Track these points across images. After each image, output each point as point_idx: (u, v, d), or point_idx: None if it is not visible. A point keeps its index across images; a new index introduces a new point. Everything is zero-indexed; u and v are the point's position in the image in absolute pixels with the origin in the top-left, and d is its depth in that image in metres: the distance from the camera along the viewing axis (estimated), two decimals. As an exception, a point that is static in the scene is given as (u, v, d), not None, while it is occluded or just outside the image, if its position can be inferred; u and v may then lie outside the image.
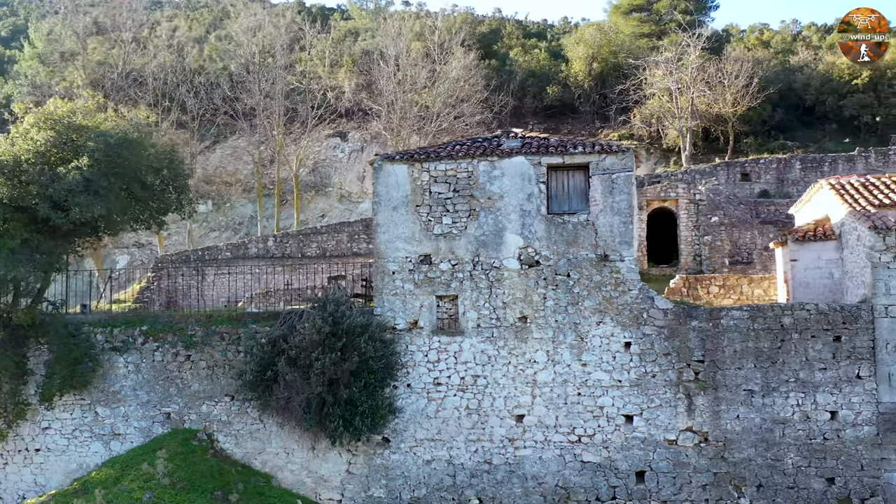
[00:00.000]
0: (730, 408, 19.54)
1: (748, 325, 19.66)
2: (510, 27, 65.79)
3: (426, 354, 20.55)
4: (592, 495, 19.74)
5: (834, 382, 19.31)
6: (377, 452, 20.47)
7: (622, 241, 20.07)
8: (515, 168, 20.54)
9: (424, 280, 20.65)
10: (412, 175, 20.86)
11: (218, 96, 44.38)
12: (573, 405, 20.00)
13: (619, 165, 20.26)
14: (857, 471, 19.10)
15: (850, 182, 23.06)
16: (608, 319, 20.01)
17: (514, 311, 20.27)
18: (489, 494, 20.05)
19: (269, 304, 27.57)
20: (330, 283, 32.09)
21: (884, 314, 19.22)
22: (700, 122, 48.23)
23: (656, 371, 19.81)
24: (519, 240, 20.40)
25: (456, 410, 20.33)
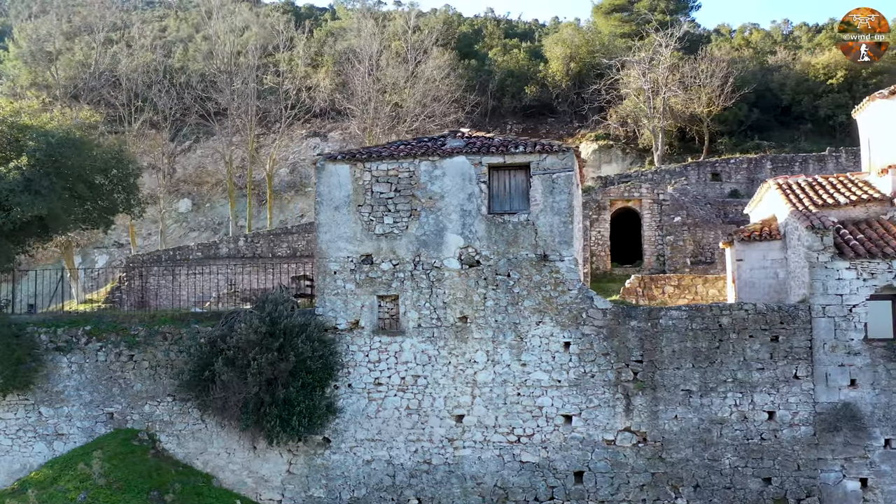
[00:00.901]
0: (668, 408, 19.51)
1: (686, 325, 19.63)
2: (491, 27, 65.75)
3: (367, 354, 20.53)
4: (531, 495, 19.72)
5: (771, 382, 19.29)
6: (318, 452, 20.45)
7: (562, 240, 20.05)
8: (456, 168, 20.52)
9: (366, 280, 20.63)
10: (354, 175, 20.84)
11: (190, 96, 44.35)
12: (512, 405, 19.97)
13: (560, 165, 20.24)
14: (793, 471, 19.08)
15: (798, 182, 23.06)
16: (548, 319, 19.99)
17: (455, 311, 20.25)
18: (428, 495, 20.02)
19: (236, 304, 27.53)
20: (293, 282, 32.08)
21: (821, 314, 19.20)
22: (675, 122, 48.22)
23: (595, 371, 19.78)
24: (459, 240, 20.38)
25: (396, 410, 20.31)
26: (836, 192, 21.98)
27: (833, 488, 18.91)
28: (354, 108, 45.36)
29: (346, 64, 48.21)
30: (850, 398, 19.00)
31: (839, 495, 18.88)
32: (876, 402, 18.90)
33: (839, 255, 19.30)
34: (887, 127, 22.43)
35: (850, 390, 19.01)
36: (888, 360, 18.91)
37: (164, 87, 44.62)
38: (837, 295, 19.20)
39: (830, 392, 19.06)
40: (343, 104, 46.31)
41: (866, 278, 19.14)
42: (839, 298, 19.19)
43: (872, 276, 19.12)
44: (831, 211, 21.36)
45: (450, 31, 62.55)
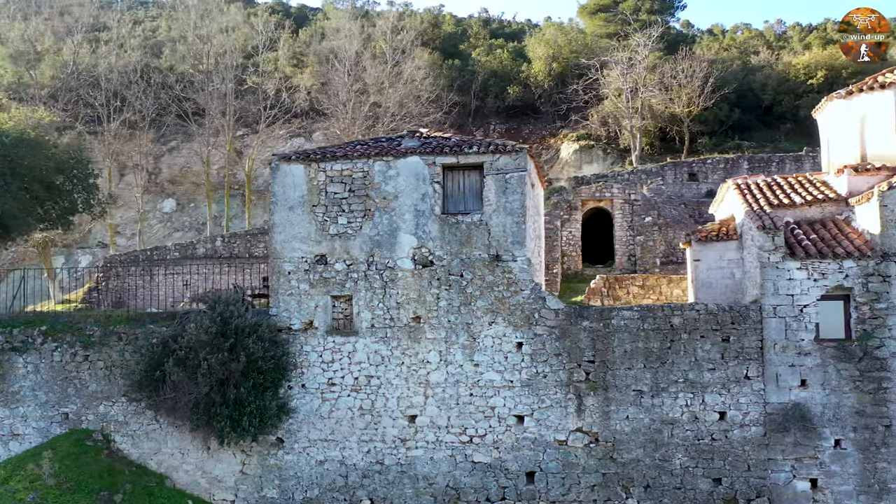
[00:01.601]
0: (619, 408, 19.50)
1: (638, 326, 19.62)
2: (476, 27, 65.72)
3: (321, 355, 20.51)
4: (482, 496, 19.70)
5: (722, 383, 19.28)
6: (271, 453, 20.43)
7: (515, 241, 20.03)
8: (410, 168, 20.51)
9: (320, 280, 20.62)
10: (309, 175, 20.83)
11: (168, 96, 44.34)
12: (465, 405, 19.96)
13: (513, 165, 20.22)
14: (743, 471, 19.06)
15: (756, 182, 23.05)
16: (500, 320, 19.98)
17: (408, 311, 20.24)
18: (380, 495, 20.01)
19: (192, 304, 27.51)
20: (263, 283, 32.07)
21: (772, 314, 19.19)
22: (656, 122, 48.20)
23: (547, 371, 19.77)
24: (413, 240, 20.36)
25: (349, 411, 20.30)
26: (792, 193, 21.96)
27: (783, 488, 18.90)
28: (335, 108, 45.35)
29: (325, 64, 48.17)
30: (801, 398, 18.99)
31: (789, 495, 18.87)
32: (826, 403, 18.89)
33: (790, 255, 19.29)
34: (844, 127, 22.42)
35: (800, 390, 19.00)
36: (838, 361, 18.89)
37: (142, 87, 44.54)
38: (788, 295, 19.19)
39: (781, 392, 19.05)
40: (324, 104, 46.26)
41: (817, 278, 19.13)
42: (790, 298, 19.18)
43: (823, 276, 19.11)
44: (787, 211, 21.35)
45: (435, 31, 62.61)
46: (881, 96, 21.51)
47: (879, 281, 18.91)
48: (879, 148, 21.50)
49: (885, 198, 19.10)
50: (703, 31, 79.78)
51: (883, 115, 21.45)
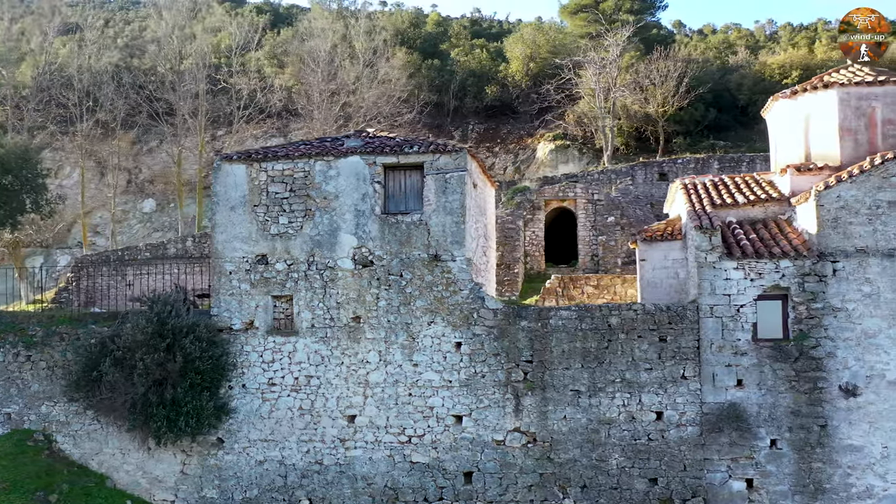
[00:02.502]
0: (557, 408, 19.48)
1: (576, 326, 19.60)
2: (458, 26, 65.67)
3: (261, 355, 20.50)
4: (420, 496, 19.69)
5: (659, 383, 19.26)
6: (211, 453, 20.42)
7: (454, 240, 20.01)
8: (351, 168, 20.50)
9: (260, 280, 20.61)
10: (250, 175, 20.82)
11: (141, 96, 44.32)
12: (404, 405, 19.94)
13: (453, 165, 20.20)
14: (679, 471, 19.04)
15: (703, 182, 23.03)
16: (439, 319, 19.96)
17: (348, 311, 20.23)
18: (319, 495, 20.00)
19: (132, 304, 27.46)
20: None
21: (709, 314, 19.17)
22: (631, 122, 48.17)
23: (486, 371, 19.75)
24: (353, 240, 20.35)
25: (289, 411, 20.28)
26: (736, 193, 21.95)
27: (719, 489, 18.88)
28: (309, 107, 45.35)
29: (301, 64, 48.17)
30: (737, 398, 18.97)
31: (725, 495, 18.85)
32: (762, 403, 18.87)
33: (728, 255, 19.27)
34: (790, 127, 22.41)
35: (736, 390, 18.99)
36: (774, 360, 18.88)
37: (112, 87, 44.52)
38: (725, 295, 19.18)
39: (717, 392, 19.03)
40: (298, 104, 46.25)
41: (754, 278, 19.11)
42: (727, 298, 19.16)
43: (760, 276, 19.10)
44: (730, 211, 21.35)
45: (416, 31, 62.56)
46: (824, 96, 21.49)
47: (816, 281, 18.89)
48: (823, 148, 21.48)
49: (821, 197, 19.08)
50: (694, 30, 79.94)
51: (826, 115, 21.43)
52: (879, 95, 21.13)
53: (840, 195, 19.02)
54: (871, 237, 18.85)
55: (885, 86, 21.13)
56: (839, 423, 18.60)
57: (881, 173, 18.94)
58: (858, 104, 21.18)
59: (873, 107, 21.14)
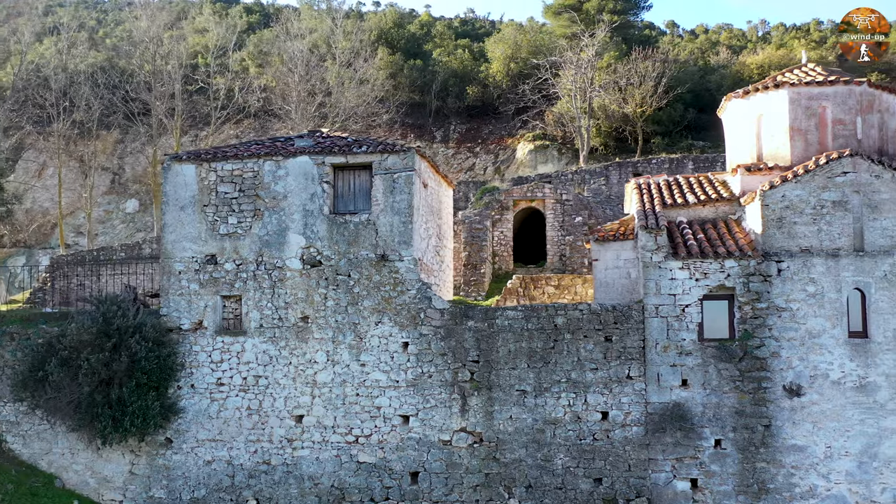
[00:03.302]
0: (503, 408, 19.47)
1: (522, 326, 19.60)
2: (441, 27, 65.65)
3: (210, 355, 20.50)
4: (366, 496, 19.68)
5: (604, 383, 19.25)
6: (159, 453, 20.42)
7: (402, 240, 20.01)
8: (300, 168, 20.50)
9: (210, 280, 20.61)
10: (200, 175, 20.83)
11: (116, 96, 44.32)
12: (351, 405, 19.94)
13: (401, 165, 20.20)
14: (624, 471, 19.03)
15: (657, 182, 23.02)
16: (386, 319, 19.96)
17: (296, 311, 20.23)
18: (266, 495, 19.99)
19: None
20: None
21: (654, 314, 19.16)
22: (609, 122, 48.14)
23: (433, 371, 19.74)
24: (301, 240, 20.36)
25: (237, 411, 20.28)
26: (688, 192, 21.94)
27: (663, 488, 18.87)
28: (287, 107, 45.35)
29: (278, 64, 48.18)
30: (682, 398, 18.96)
31: (669, 495, 18.83)
32: (706, 403, 18.86)
33: (673, 254, 19.27)
34: (743, 127, 22.39)
35: (681, 390, 18.98)
36: (719, 360, 18.87)
37: (89, 87, 44.51)
38: (670, 295, 19.18)
39: (662, 392, 19.02)
40: (275, 104, 46.23)
41: (699, 278, 19.11)
42: (672, 298, 19.16)
43: (705, 275, 19.09)
44: (681, 210, 21.35)
45: (400, 31, 62.55)
46: (776, 96, 21.48)
47: (760, 281, 18.88)
48: (774, 147, 21.47)
49: (766, 197, 19.08)
50: (687, 31, 79.95)
51: (777, 115, 21.41)
52: (830, 95, 21.12)
53: (785, 195, 19.02)
54: (816, 237, 18.85)
55: (835, 86, 21.12)
56: (783, 423, 18.59)
57: (826, 173, 18.93)
58: (809, 104, 21.17)
59: (823, 106, 21.12)
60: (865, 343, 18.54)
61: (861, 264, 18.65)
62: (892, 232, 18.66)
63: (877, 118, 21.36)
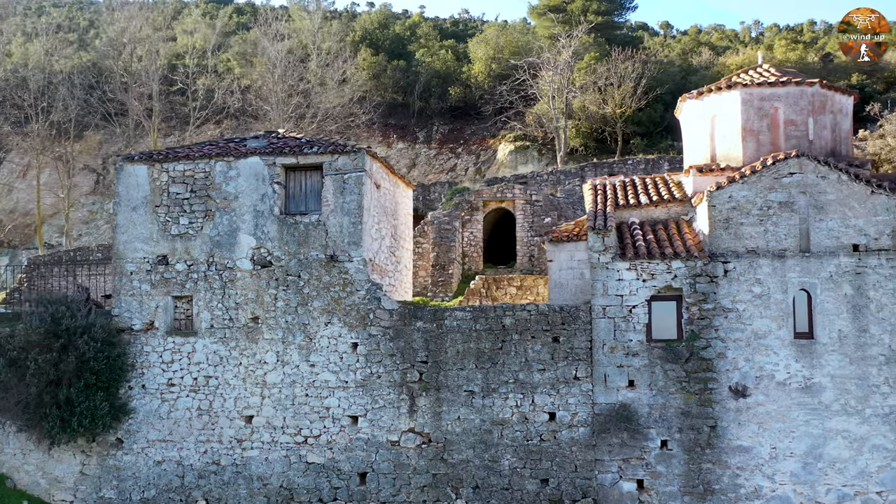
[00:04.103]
0: (451, 409, 19.48)
1: (470, 326, 19.61)
2: (427, 27, 65.66)
3: (161, 355, 20.53)
4: (315, 496, 19.69)
5: (552, 383, 19.25)
6: (110, 453, 20.45)
7: (351, 241, 20.03)
8: (251, 169, 20.52)
9: (161, 281, 20.64)
10: (152, 176, 20.86)
11: (94, 97, 44.37)
12: (300, 406, 19.96)
13: (352, 166, 20.22)
14: (570, 472, 19.03)
15: (613, 183, 23.02)
16: (336, 320, 19.98)
17: (247, 311, 20.25)
18: (215, 496, 20.01)
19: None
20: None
21: (601, 315, 19.16)
22: (590, 123, 48.14)
23: (381, 372, 19.76)
24: (252, 240, 20.38)
25: (188, 411, 20.30)
26: (642, 193, 21.95)
27: (609, 489, 18.87)
28: (265, 108, 45.39)
29: (258, 65, 48.23)
30: (628, 399, 18.96)
31: (615, 496, 18.83)
32: (653, 403, 18.86)
33: (621, 255, 19.27)
34: (696, 127, 22.42)
35: (627, 391, 18.98)
36: (665, 361, 18.87)
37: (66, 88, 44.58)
38: (618, 296, 19.17)
39: (609, 393, 19.02)
40: (254, 104, 46.27)
41: (646, 279, 19.10)
42: (619, 299, 19.15)
43: (653, 276, 19.09)
44: (633, 211, 21.36)
45: (384, 31, 62.60)
46: (728, 96, 21.49)
47: (707, 281, 18.88)
48: (727, 148, 21.49)
49: (713, 198, 19.08)
50: (681, 31, 79.93)
51: (730, 116, 21.43)
52: (782, 96, 21.13)
53: (732, 196, 19.02)
54: (762, 238, 18.85)
55: (787, 87, 21.13)
56: (728, 424, 18.59)
57: (773, 174, 18.93)
58: (761, 105, 21.18)
59: (776, 107, 21.14)
60: (811, 344, 18.53)
61: (807, 265, 18.65)
62: (838, 233, 18.66)
63: (829, 119, 21.37)
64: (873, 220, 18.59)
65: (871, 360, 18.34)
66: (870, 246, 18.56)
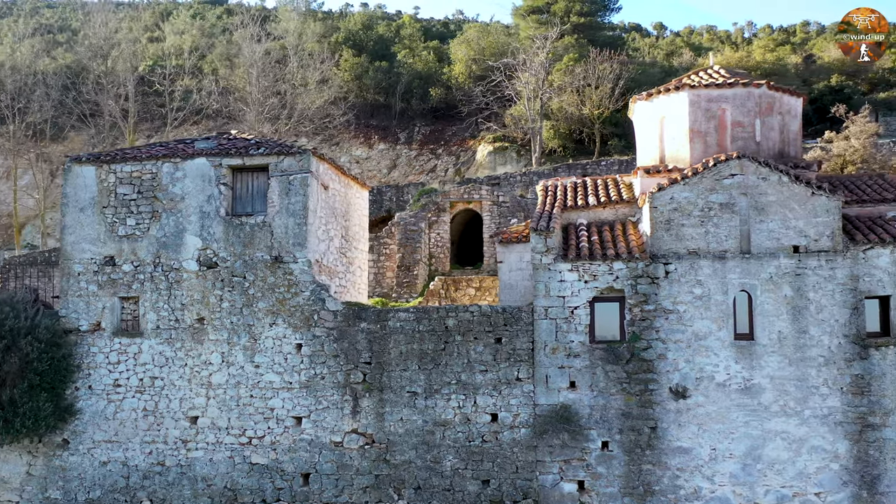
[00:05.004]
0: (394, 410, 19.50)
1: (414, 327, 19.62)
2: (410, 28, 65.72)
3: (107, 356, 20.54)
4: (258, 497, 19.71)
5: (494, 384, 19.27)
6: (56, 454, 20.47)
7: (296, 242, 20.05)
8: (197, 170, 20.55)
9: (108, 281, 20.66)
10: (100, 177, 20.89)
11: (69, 98, 44.45)
12: (245, 407, 19.98)
13: (297, 167, 20.24)
14: (511, 473, 19.05)
15: (564, 183, 23.05)
16: (280, 321, 20.00)
17: (192, 312, 20.27)
18: (160, 496, 20.03)
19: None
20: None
21: (543, 316, 19.17)
22: (567, 124, 48.18)
23: (325, 373, 19.78)
24: (198, 241, 20.41)
25: (133, 412, 20.32)
26: (591, 195, 21.96)
27: (550, 490, 18.89)
28: (244, 109, 45.45)
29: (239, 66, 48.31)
30: (569, 400, 18.97)
31: (555, 497, 18.85)
32: (594, 405, 18.87)
33: (563, 257, 19.28)
34: (646, 129, 22.44)
35: (569, 392, 18.99)
36: (606, 362, 18.88)
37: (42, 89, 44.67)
38: (560, 297, 19.18)
39: (550, 394, 19.03)
40: (232, 106, 46.32)
41: (588, 280, 19.11)
42: (561, 300, 19.16)
43: (594, 277, 19.09)
44: (582, 213, 21.38)
45: (367, 33, 62.67)
46: (677, 98, 21.52)
47: (648, 283, 18.90)
48: (675, 150, 21.52)
49: (654, 199, 19.10)
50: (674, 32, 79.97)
51: (678, 117, 21.46)
52: (729, 98, 21.16)
53: (673, 197, 19.03)
54: (703, 239, 18.87)
55: (734, 88, 21.16)
56: (669, 425, 18.61)
57: (714, 175, 18.95)
58: (708, 106, 21.21)
59: (723, 109, 21.17)
60: (751, 345, 18.55)
61: (747, 266, 18.67)
62: (779, 234, 18.68)
63: (777, 120, 21.39)
64: (813, 222, 18.60)
65: (810, 362, 18.36)
66: (810, 247, 18.58)
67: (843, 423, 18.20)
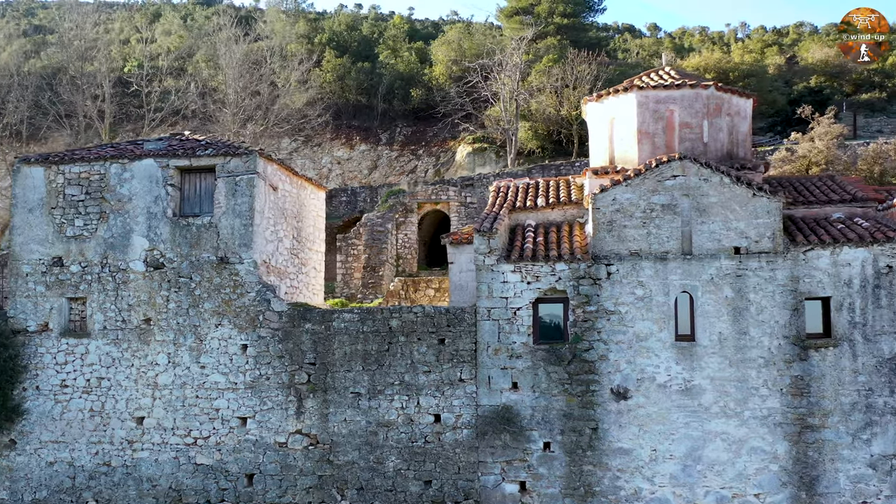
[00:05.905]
0: (338, 410, 19.53)
1: (358, 328, 19.65)
2: (395, 29, 65.73)
3: (55, 357, 20.58)
4: (203, 498, 19.74)
5: (437, 385, 19.29)
6: (3, 454, 20.51)
7: (242, 243, 20.09)
8: (145, 171, 20.60)
9: (56, 282, 20.70)
10: (48, 178, 20.94)
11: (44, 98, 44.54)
12: (191, 407, 20.01)
13: (244, 168, 20.29)
14: (453, 474, 19.06)
15: (516, 184, 23.05)
16: (226, 322, 20.04)
17: (139, 313, 20.31)
18: (105, 497, 20.06)
19: None
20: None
21: (486, 317, 19.19)
22: (546, 124, 48.17)
23: (270, 373, 19.81)
24: (145, 242, 20.45)
25: (80, 412, 20.36)
26: (541, 195, 21.97)
27: (491, 491, 18.90)
28: (223, 110, 45.51)
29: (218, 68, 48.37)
30: (511, 401, 18.98)
31: (497, 498, 18.86)
32: (535, 405, 18.88)
33: (506, 258, 19.29)
34: (598, 130, 22.47)
35: (511, 393, 19.00)
36: (549, 363, 18.89)
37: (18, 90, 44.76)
38: (503, 298, 19.19)
39: (492, 395, 19.05)
40: (210, 107, 46.37)
41: (531, 281, 19.12)
42: (504, 301, 19.18)
43: (537, 279, 19.11)
44: (531, 213, 21.39)
45: (351, 33, 62.72)
46: (625, 99, 21.54)
47: (590, 284, 18.91)
48: (624, 150, 21.55)
49: (597, 201, 19.12)
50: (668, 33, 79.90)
51: (627, 118, 21.48)
52: (677, 99, 21.18)
53: (616, 198, 19.05)
54: (645, 240, 18.88)
55: (682, 89, 21.18)
56: (610, 426, 18.62)
57: (656, 176, 18.96)
58: (657, 107, 21.23)
59: (671, 110, 21.19)
60: (692, 346, 18.57)
61: (689, 268, 18.68)
62: (720, 235, 18.69)
63: (726, 121, 21.41)
64: (754, 223, 18.61)
65: (750, 363, 18.37)
66: (751, 248, 18.59)
67: (783, 425, 18.21)
